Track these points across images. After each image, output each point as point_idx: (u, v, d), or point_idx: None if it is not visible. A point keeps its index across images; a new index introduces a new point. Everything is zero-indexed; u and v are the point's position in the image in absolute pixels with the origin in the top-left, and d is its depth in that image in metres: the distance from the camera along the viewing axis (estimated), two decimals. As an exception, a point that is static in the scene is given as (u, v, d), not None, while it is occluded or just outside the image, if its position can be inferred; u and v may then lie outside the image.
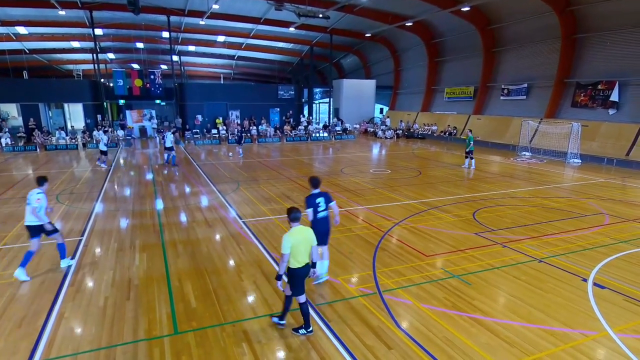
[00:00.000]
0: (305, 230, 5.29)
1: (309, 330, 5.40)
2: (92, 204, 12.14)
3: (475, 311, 5.99)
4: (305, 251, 5.25)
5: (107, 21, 31.67)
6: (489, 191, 13.91)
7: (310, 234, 5.30)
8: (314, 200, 6.44)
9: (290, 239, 5.06)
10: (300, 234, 5.20)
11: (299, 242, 5.14)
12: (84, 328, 5.58)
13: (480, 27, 28.74)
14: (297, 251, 5.13)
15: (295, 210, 5.24)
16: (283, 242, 5.05)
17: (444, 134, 31.82)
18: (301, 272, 5.23)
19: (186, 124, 32.82)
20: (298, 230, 5.21)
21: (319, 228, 6.20)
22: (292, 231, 5.17)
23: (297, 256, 5.16)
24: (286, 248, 5.04)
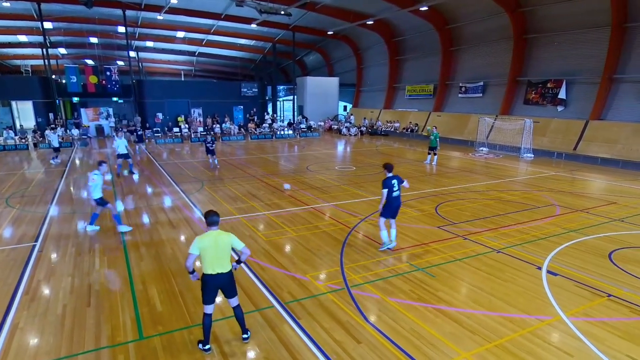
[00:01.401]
0: (221, 236, 4.88)
1: (206, 348, 4.97)
2: (46, 207, 11.53)
3: (439, 302, 6.21)
4: (218, 258, 4.82)
5: (57, 14, 30.00)
6: (450, 186, 14.40)
7: (226, 239, 4.89)
8: (390, 182, 7.94)
9: (198, 243, 4.75)
10: (213, 239, 4.81)
11: (209, 248, 4.76)
12: (41, 338, 5.31)
13: (438, 27, 29.62)
14: (207, 257, 4.78)
15: (212, 214, 4.94)
16: (193, 243, 4.80)
17: (406, 131, 32.56)
18: (213, 281, 4.85)
19: (146, 123, 31.71)
20: (211, 234, 4.84)
21: (394, 204, 8.01)
22: (203, 235, 4.87)
23: (207, 262, 4.80)
24: (193, 249, 4.76)
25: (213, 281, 4.86)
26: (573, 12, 21.91)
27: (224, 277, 4.91)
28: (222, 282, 4.92)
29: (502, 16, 24.96)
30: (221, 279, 4.89)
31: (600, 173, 17.40)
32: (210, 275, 4.84)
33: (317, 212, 11.07)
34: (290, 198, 12.51)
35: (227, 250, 4.92)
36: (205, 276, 4.87)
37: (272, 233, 9.36)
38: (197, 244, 4.77)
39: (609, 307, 6.10)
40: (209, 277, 4.85)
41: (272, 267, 7.45)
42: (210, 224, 4.92)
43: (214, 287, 4.91)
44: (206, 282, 4.87)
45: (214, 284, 4.89)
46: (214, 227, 4.93)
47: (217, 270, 4.86)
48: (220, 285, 4.94)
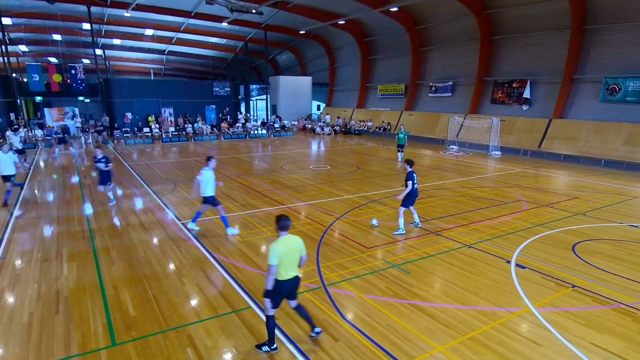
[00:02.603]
0: (294, 240, 4.86)
1: (272, 348, 4.99)
2: (9, 211, 11.01)
3: (414, 298, 6.34)
4: (293, 263, 4.83)
5: (15, 9, 28.64)
6: (422, 183, 14.67)
7: (299, 244, 4.88)
8: (412, 175, 9.04)
9: (277, 250, 4.62)
10: (289, 243, 4.78)
11: (287, 253, 4.71)
12: (5, 348, 5.09)
13: (408, 27, 30.14)
14: (285, 263, 4.72)
15: (284, 218, 4.78)
16: (270, 252, 4.61)
17: (379, 130, 32.96)
18: (286, 286, 4.81)
19: (115, 123, 30.73)
20: (286, 239, 4.78)
21: (415, 194, 9.25)
22: (279, 240, 4.74)
23: (285, 268, 4.74)
24: (273, 259, 4.59)
25: (288, 286, 4.83)
26: (535, 15, 22.77)
27: (296, 280, 4.90)
28: (294, 285, 4.91)
29: (469, 18, 25.65)
30: (294, 282, 4.89)
31: (563, 169, 18.18)
32: (285, 281, 4.77)
33: (292, 211, 11.06)
34: (265, 198, 12.45)
35: (299, 253, 4.90)
36: (279, 282, 4.76)
37: (248, 233, 9.29)
38: (277, 252, 4.61)
39: (573, 297, 6.39)
40: (285, 282, 4.78)
41: (248, 268, 7.40)
42: (283, 228, 4.77)
43: (287, 291, 4.88)
44: (281, 287, 4.79)
45: (289, 288, 4.86)
46: (286, 231, 4.81)
47: (291, 275, 4.82)
48: (292, 288, 4.91)
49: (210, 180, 8.83)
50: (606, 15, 20.13)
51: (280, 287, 4.78)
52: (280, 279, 4.75)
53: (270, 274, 4.67)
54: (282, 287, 4.79)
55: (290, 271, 4.81)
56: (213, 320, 5.69)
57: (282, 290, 4.81)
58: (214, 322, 5.65)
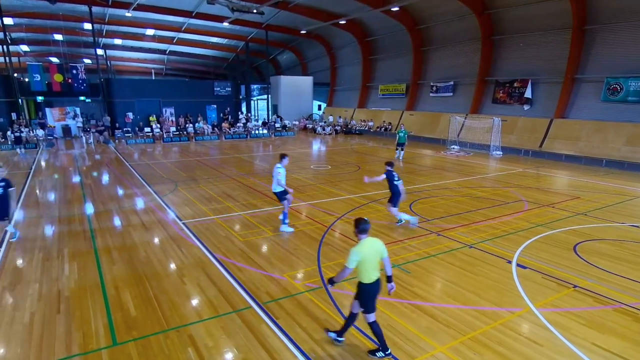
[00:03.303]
0: (375, 243, 4.82)
1: (387, 353, 4.91)
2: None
3: (415, 298, 6.34)
4: (376, 266, 4.79)
5: (17, 9, 28.68)
6: (423, 183, 14.68)
7: (380, 247, 4.84)
8: (392, 174, 9.47)
9: (359, 254, 4.62)
10: (370, 247, 4.75)
11: (369, 256, 4.69)
12: (6, 348, 5.10)
13: (409, 27, 30.13)
14: (367, 266, 4.69)
15: (363, 222, 4.75)
16: (350, 256, 4.62)
17: (379, 130, 32.95)
18: (372, 289, 4.80)
19: (116, 122, 30.79)
20: (367, 243, 4.75)
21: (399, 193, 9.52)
22: (361, 244, 4.72)
23: (367, 271, 4.72)
24: (352, 263, 4.61)
25: (374, 288, 4.82)
26: (536, 14, 22.74)
27: (379, 283, 4.85)
28: (379, 288, 4.87)
29: (470, 18, 25.63)
30: (378, 285, 4.85)
31: (565, 169, 18.15)
32: (370, 284, 4.78)
33: (293, 211, 11.05)
34: (266, 198, 12.45)
35: (380, 256, 4.86)
36: (365, 285, 4.78)
37: (249, 233, 9.30)
38: (357, 257, 4.62)
39: (575, 297, 6.38)
40: (370, 286, 4.78)
41: (249, 268, 7.40)
42: (363, 231, 4.76)
43: (375, 294, 4.86)
44: (368, 291, 4.80)
45: (375, 290, 4.84)
46: (365, 234, 4.79)
47: (374, 278, 4.79)
48: (378, 291, 4.87)
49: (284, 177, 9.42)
50: (607, 14, 20.10)
51: (370, 290, 4.81)
52: (367, 282, 4.77)
53: (343, 274, 4.74)
54: (372, 290, 4.82)
55: (374, 275, 4.80)
56: (214, 320, 5.70)
57: (371, 292, 4.83)
58: (214, 322, 5.65)
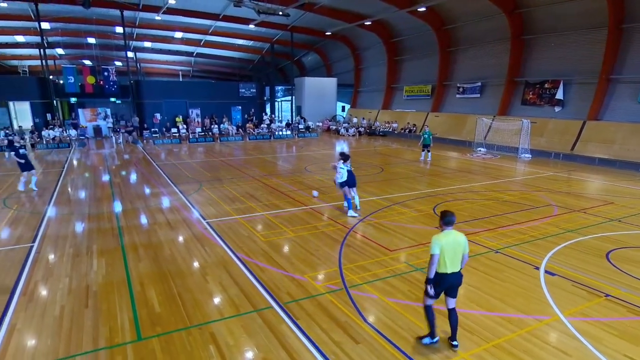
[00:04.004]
0: (458, 237, 4.98)
1: (434, 340, 5.13)
2: (44, 207, 11.50)
3: (438, 302, 6.20)
4: (453, 258, 4.94)
5: (54, 14, 29.93)
6: (448, 186, 14.42)
7: (463, 242, 4.99)
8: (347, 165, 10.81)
9: (440, 242, 4.85)
10: (451, 239, 4.93)
11: (447, 247, 4.87)
12: (38, 339, 5.30)
13: (435, 28, 29.69)
14: (446, 256, 4.89)
15: (450, 214, 4.98)
16: (432, 243, 4.87)
17: (404, 131, 32.61)
18: (447, 279, 4.95)
19: (144, 123, 31.66)
20: (449, 234, 4.95)
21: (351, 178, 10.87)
22: (442, 234, 4.96)
23: (446, 261, 4.91)
24: (435, 249, 4.85)
25: (448, 279, 4.96)
26: (570, 13, 21.99)
27: (456, 276, 5.01)
28: (454, 280, 5.02)
29: (500, 17, 25.04)
30: (454, 277, 5.00)
31: (598, 173, 17.46)
32: (445, 274, 4.94)
33: (315, 212, 11.07)
34: (289, 198, 12.51)
35: (462, 250, 5.01)
36: (440, 274, 4.95)
37: (271, 233, 9.35)
38: (438, 243, 4.84)
39: (606, 307, 6.12)
40: (444, 276, 4.95)
41: (271, 268, 7.44)
42: (448, 224, 4.97)
43: (448, 285, 5.01)
44: (442, 279, 4.96)
45: (450, 281, 4.99)
46: (450, 227, 5.00)
47: (452, 270, 4.95)
48: (451, 283, 5.03)
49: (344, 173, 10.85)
50: (646, 12, 19.24)
51: (442, 279, 4.95)
52: (441, 272, 4.93)
53: (432, 264, 4.89)
54: (443, 279, 4.95)
55: (451, 266, 4.94)
56: (235, 319, 5.75)
57: (443, 282, 4.97)
58: (236, 321, 5.70)
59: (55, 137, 26.51)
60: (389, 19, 31.95)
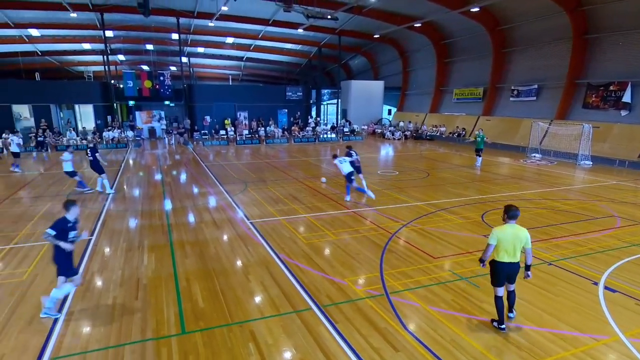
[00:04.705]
0: (519, 231, 5.36)
1: (501, 327, 5.46)
2: (102, 204, 12.27)
3: (483, 314, 5.94)
4: (512, 250, 5.33)
5: (117, 23, 31.99)
6: (498, 193, 13.78)
7: (524, 236, 5.36)
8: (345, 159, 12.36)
9: (498, 233, 5.30)
10: (511, 232, 5.33)
11: (506, 239, 5.28)
12: (92, 327, 5.63)
13: (489, 28, 28.55)
14: (502, 247, 5.31)
15: (514, 208, 5.39)
16: (491, 233, 5.36)
17: (452, 135, 31.64)
18: (505, 268, 5.37)
19: (195, 125, 33.01)
20: (509, 227, 5.35)
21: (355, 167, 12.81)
22: (503, 226, 5.39)
23: (503, 252, 5.32)
24: (492, 239, 5.32)
25: (506, 268, 5.40)
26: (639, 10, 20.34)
27: (514, 266, 5.43)
28: (513, 270, 5.43)
29: (560, 16, 23.63)
30: (513, 267, 5.42)
31: (669, 183, 15.97)
32: (504, 263, 5.38)
33: (357, 216, 10.98)
34: (331, 201, 12.50)
35: (522, 243, 5.39)
36: (498, 263, 5.42)
37: (312, 236, 9.38)
38: (497, 235, 5.32)
39: (676, 330, 5.56)
40: (503, 265, 5.39)
41: (311, 270, 7.45)
42: (512, 217, 5.38)
43: (505, 273, 5.43)
44: (499, 268, 5.41)
45: (506, 271, 5.41)
46: (513, 220, 5.39)
47: (511, 260, 5.37)
48: (510, 272, 5.44)
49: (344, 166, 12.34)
50: None
51: (500, 267, 5.40)
52: (499, 261, 5.39)
53: (486, 251, 5.43)
54: (501, 268, 5.40)
55: (508, 257, 5.36)
56: (275, 319, 5.81)
57: (501, 270, 5.41)
58: (275, 321, 5.76)
59: (114, 137, 28.28)
60: (440, 20, 31.15)
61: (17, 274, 7.26)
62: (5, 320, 5.76)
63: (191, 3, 28.54)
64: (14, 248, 8.59)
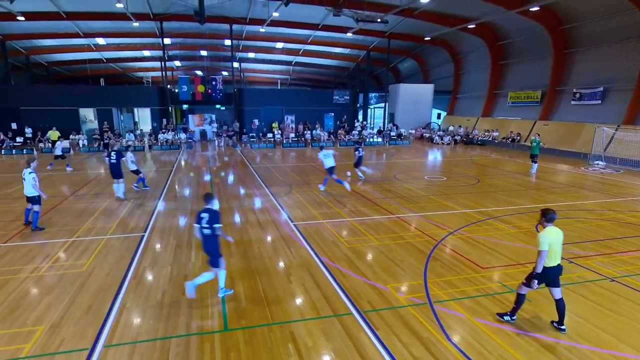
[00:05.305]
0: (560, 233, 5.40)
1: (562, 328, 5.51)
2: (155, 202, 12.90)
3: (535, 329, 5.58)
4: (558, 252, 5.37)
5: (174, 31, 33.75)
6: (555, 202, 12.96)
7: (562, 235, 5.41)
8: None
9: (548, 238, 5.23)
10: (556, 234, 5.33)
11: (554, 242, 5.27)
12: (142, 319, 5.91)
13: (550, 28, 26.98)
14: (552, 251, 5.26)
15: (551, 211, 5.37)
16: (540, 239, 5.22)
17: (506, 141, 30.24)
18: (551, 273, 5.35)
19: (243, 128, 33.99)
20: (553, 230, 5.34)
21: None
22: (548, 230, 5.32)
23: (551, 256, 5.28)
24: (544, 245, 5.20)
25: (554, 272, 5.38)
26: None
27: (559, 268, 5.43)
28: (558, 273, 5.43)
29: (631, 13, 21.86)
30: (558, 270, 5.42)
31: None
32: (553, 267, 5.36)
33: (402, 221, 10.75)
34: (376, 206, 12.34)
35: (561, 244, 5.43)
36: (546, 269, 5.34)
37: (355, 240, 9.30)
38: (547, 240, 5.24)
39: None
40: (550, 269, 5.36)
41: (353, 275, 7.38)
42: (550, 220, 5.37)
43: (551, 277, 5.41)
44: (547, 274, 5.36)
45: (553, 274, 5.38)
46: (551, 223, 5.38)
47: (555, 263, 5.38)
48: (555, 275, 5.42)
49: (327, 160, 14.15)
50: None
51: (547, 272, 5.34)
52: (546, 266, 5.30)
53: (541, 259, 5.26)
54: (549, 273, 5.35)
55: (555, 260, 5.33)
56: (315, 321, 5.80)
57: (548, 275, 5.36)
58: (315, 323, 5.75)
59: (168, 139, 29.73)
60: (496, 21, 29.90)
61: (78, 265, 7.79)
62: (66, 307, 6.19)
63: (244, 10, 29.49)
64: (76, 241, 9.23)
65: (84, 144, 28.24)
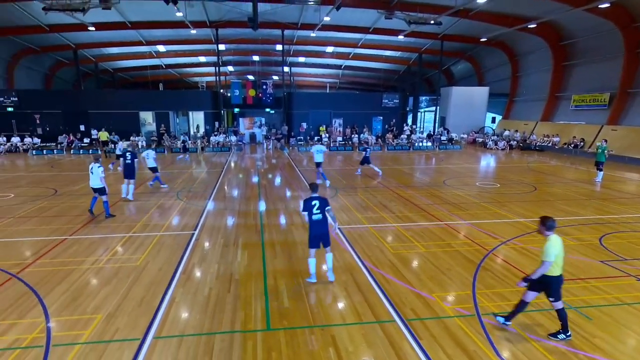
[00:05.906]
0: (560, 240, 5.32)
1: (567, 335, 5.39)
2: (205, 202, 13.39)
3: (595, 350, 5.15)
4: (563, 259, 5.31)
5: (229, 37, 35.00)
6: (623, 214, 11.95)
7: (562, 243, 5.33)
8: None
9: (556, 248, 5.17)
10: (560, 243, 5.27)
11: (560, 251, 5.22)
12: (190, 313, 6.13)
13: (621, 25, 24.97)
14: (559, 260, 5.21)
15: (551, 219, 5.30)
16: (548, 250, 5.14)
17: (567, 147, 28.36)
18: (560, 280, 5.31)
19: (292, 132, 34.51)
20: (557, 239, 5.27)
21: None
22: (554, 240, 5.23)
23: (558, 265, 5.22)
24: (552, 256, 5.13)
25: (557, 282, 5.33)
26: None
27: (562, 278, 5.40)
28: (561, 282, 5.39)
29: None
30: (562, 280, 5.39)
31: None
32: (557, 277, 5.31)
33: (450, 229, 10.38)
34: (423, 212, 12.01)
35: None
36: (553, 278, 5.30)
37: (400, 246, 9.10)
38: (554, 251, 5.18)
39: None
40: (555, 278, 5.31)
41: (397, 281, 7.22)
42: (551, 228, 5.30)
43: (555, 286, 5.33)
44: (558, 282, 5.33)
45: (556, 284, 5.33)
46: (552, 231, 5.31)
47: (560, 272, 5.32)
48: (559, 284, 5.36)
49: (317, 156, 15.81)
50: None
51: (558, 281, 5.29)
52: (556, 275, 5.25)
53: (544, 269, 5.19)
54: (550, 282, 5.27)
55: (559, 269, 5.26)
56: (356, 326, 5.73)
57: (559, 284, 5.31)
58: (357, 328, 5.68)
59: (219, 142, 30.82)
60: (559, 20, 28.14)
61: (133, 259, 8.25)
62: (121, 298, 6.56)
63: (295, 15, 29.99)
64: (132, 236, 9.78)
65: (142, 145, 29.98)
